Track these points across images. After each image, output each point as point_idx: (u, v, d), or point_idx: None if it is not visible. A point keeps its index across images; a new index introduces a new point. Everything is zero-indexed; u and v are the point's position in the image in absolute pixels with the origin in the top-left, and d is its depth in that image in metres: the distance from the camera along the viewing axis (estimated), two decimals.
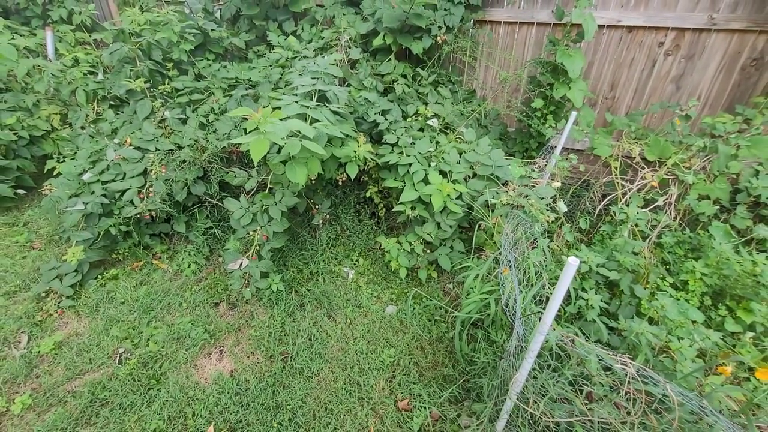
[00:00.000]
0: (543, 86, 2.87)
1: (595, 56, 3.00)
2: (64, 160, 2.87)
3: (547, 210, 1.97)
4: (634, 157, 2.47)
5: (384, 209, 2.79)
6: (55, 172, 2.78)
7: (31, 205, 2.95)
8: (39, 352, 1.93)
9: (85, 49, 3.75)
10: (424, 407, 1.78)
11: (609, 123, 2.72)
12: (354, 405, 1.82)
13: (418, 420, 1.73)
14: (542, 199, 2.02)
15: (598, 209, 2.50)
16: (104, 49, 3.85)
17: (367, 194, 2.62)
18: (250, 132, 1.38)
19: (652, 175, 2.34)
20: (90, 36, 3.79)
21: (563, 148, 2.65)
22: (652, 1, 2.72)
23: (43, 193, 2.52)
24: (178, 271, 2.52)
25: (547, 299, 1.75)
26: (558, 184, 2.17)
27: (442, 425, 1.72)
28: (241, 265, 2.21)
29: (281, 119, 1.42)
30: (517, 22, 3.11)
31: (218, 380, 1.89)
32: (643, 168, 2.42)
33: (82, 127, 2.83)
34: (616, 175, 2.50)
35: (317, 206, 2.61)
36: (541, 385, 1.23)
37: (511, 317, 1.52)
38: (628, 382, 1.05)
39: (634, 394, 1.11)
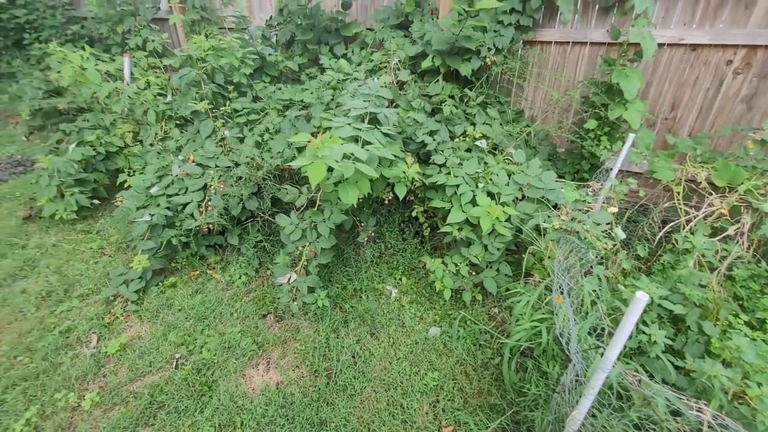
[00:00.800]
0: (597, 107, 2.78)
1: (654, 75, 2.87)
2: (134, 174, 3.14)
3: (604, 236, 1.88)
4: (700, 182, 2.32)
5: (428, 229, 2.79)
6: (125, 185, 3.03)
7: (103, 215, 3.23)
8: (106, 352, 2.08)
9: (156, 72, 4.11)
10: None
11: (671, 145, 2.57)
12: (397, 428, 1.80)
13: None
14: (598, 224, 1.94)
15: (658, 237, 2.35)
16: (172, 72, 4.20)
17: (413, 214, 2.63)
18: (308, 155, 1.44)
19: (722, 202, 2.18)
20: (161, 61, 4.16)
21: (620, 170, 2.54)
22: (719, 19, 2.58)
23: (114, 204, 2.75)
24: (230, 281, 2.64)
25: (604, 331, 1.66)
26: (615, 209, 2.07)
27: None
28: (289, 279, 2.28)
29: (335, 145, 1.48)
30: (569, 42, 3.06)
31: (265, 392, 1.94)
32: (710, 194, 2.26)
33: (151, 144, 3.09)
34: (678, 200, 2.35)
35: (363, 224, 2.66)
36: (603, 426, 1.16)
37: (566, 349, 1.45)
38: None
39: None
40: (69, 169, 2.99)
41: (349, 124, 1.94)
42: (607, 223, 1.99)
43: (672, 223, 2.32)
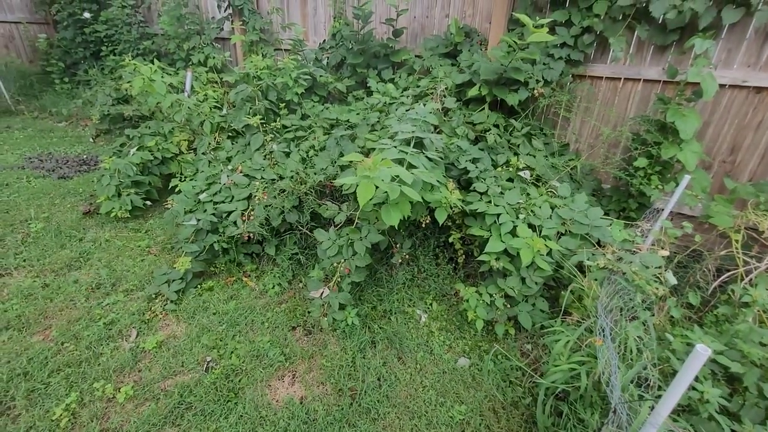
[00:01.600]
0: (648, 144, 2.69)
1: (712, 116, 2.76)
2: (185, 180, 3.32)
3: (654, 281, 1.78)
4: (763, 232, 2.17)
5: (463, 256, 2.75)
6: (177, 190, 3.21)
7: (153, 216, 3.42)
8: (143, 348, 2.16)
9: (214, 87, 4.39)
10: None
11: (730, 190, 2.43)
12: None
13: None
14: (647, 267, 1.84)
15: (712, 286, 2.20)
16: (228, 88, 4.48)
17: (449, 239, 2.61)
18: (359, 174, 1.48)
19: None
20: (220, 77, 4.45)
21: (671, 212, 2.42)
22: None
23: (165, 206, 2.92)
24: (264, 290, 2.70)
25: (651, 382, 1.55)
26: (666, 253, 1.97)
27: None
28: (322, 294, 2.31)
29: (386, 167, 1.51)
30: (620, 78, 3.01)
31: (289, 405, 1.94)
32: None
33: (204, 153, 3.27)
34: (737, 248, 2.20)
35: (398, 245, 2.66)
36: None
37: (609, 396, 1.36)
38: None
39: None
40: (128, 171, 3.21)
41: (395, 147, 1.97)
42: (657, 267, 1.89)
43: (729, 273, 2.16)
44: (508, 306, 2.32)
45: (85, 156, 4.54)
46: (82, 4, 6.09)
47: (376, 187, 1.46)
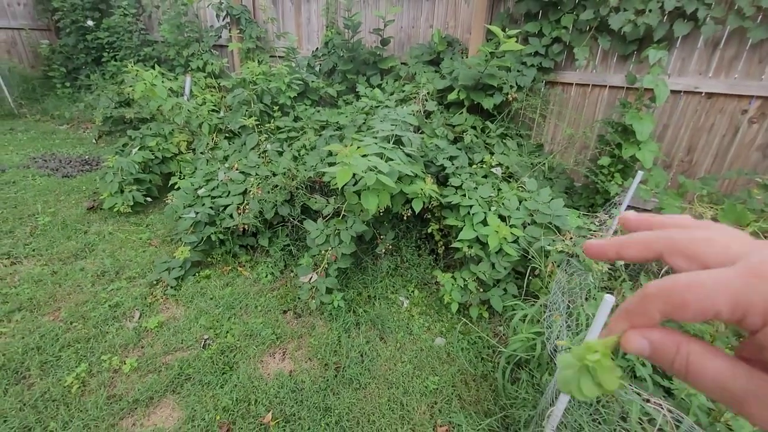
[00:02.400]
0: (611, 145, 2.94)
1: (671, 119, 3.02)
2: (183, 178, 3.53)
3: (604, 262, 2.01)
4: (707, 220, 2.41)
5: (443, 247, 2.97)
6: (176, 187, 3.42)
7: (153, 212, 3.62)
8: (146, 327, 2.35)
9: (211, 92, 4.62)
10: None
11: (680, 185, 2.68)
12: (395, 421, 1.94)
13: None
14: None
15: (663, 270, 2.43)
16: (224, 92, 4.71)
17: (429, 230, 2.84)
18: (337, 164, 1.70)
19: None
20: (217, 82, 4.68)
21: (629, 206, 2.66)
22: (734, 70, 2.74)
23: (165, 202, 3.12)
24: (257, 279, 2.90)
25: None
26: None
27: None
28: (310, 279, 2.51)
29: (363, 155, 1.74)
30: (589, 85, 3.27)
31: (279, 377, 2.14)
32: None
33: (202, 152, 3.49)
34: None
35: (382, 236, 2.88)
36: (576, 421, 1.28)
37: (553, 357, 1.58)
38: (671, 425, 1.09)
39: None
40: (130, 169, 3.42)
41: (376, 143, 2.20)
42: None
43: None
44: (481, 290, 2.54)
45: (87, 156, 4.74)
46: (85, 12, 6.32)
47: (354, 174, 1.68)
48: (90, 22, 6.07)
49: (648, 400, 1.14)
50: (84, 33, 6.48)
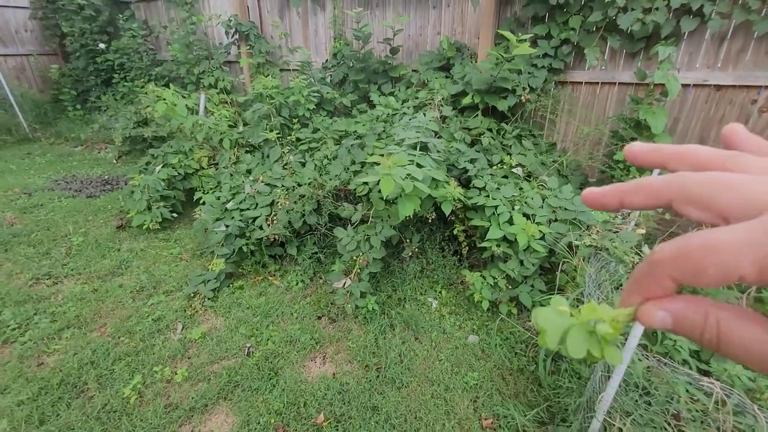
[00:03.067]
0: (625, 140, 3.03)
1: (681, 113, 3.11)
2: (207, 193, 3.63)
3: (634, 253, 2.09)
4: None
5: (467, 247, 3.05)
6: (201, 202, 3.51)
7: (179, 227, 3.72)
8: (190, 338, 2.44)
9: (226, 107, 4.73)
10: (508, 428, 1.92)
11: None
12: (441, 416, 2.01)
13: None
14: (627, 242, 2.15)
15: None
16: (238, 107, 4.82)
17: (454, 232, 2.92)
18: (380, 172, 1.80)
19: None
20: (230, 97, 4.79)
21: None
22: (741, 62, 2.83)
23: (191, 217, 3.22)
24: (288, 287, 2.98)
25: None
26: (643, 231, 2.28)
27: None
28: (344, 284, 2.60)
29: (401, 165, 1.83)
30: (598, 83, 3.36)
31: (323, 379, 2.21)
32: None
33: (225, 167, 3.59)
34: (703, 227, 2.51)
35: (408, 240, 2.97)
36: (633, 405, 1.36)
37: None
38: (716, 403, 1.17)
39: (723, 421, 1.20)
40: (157, 186, 3.52)
41: (404, 151, 2.30)
42: (636, 243, 2.20)
43: None
44: (510, 287, 2.62)
45: (107, 176, 4.85)
46: (93, 36, 6.46)
47: (397, 182, 1.77)
48: (102, 45, 6.21)
49: (699, 380, 1.22)
50: (94, 56, 6.62)
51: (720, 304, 0.23)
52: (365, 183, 2.78)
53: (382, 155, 2.99)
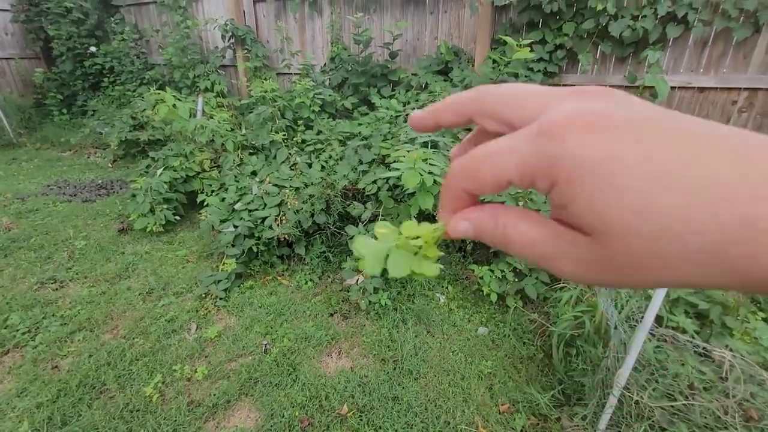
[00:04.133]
0: None
1: None
2: (211, 195, 3.63)
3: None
4: None
5: (471, 244, 3.15)
6: (204, 204, 3.51)
7: (182, 229, 3.70)
8: (206, 337, 2.45)
9: (222, 110, 4.74)
10: (525, 411, 2.01)
11: None
12: (460, 403, 2.09)
13: (520, 421, 1.96)
14: None
15: None
16: (234, 110, 4.83)
17: None
18: (406, 166, 1.88)
19: None
20: (228, 101, 4.80)
21: None
22: (722, 66, 3.04)
23: (192, 220, 3.22)
24: (298, 286, 3.02)
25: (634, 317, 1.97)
26: None
27: (543, 425, 1.93)
28: (357, 280, 2.66)
29: (423, 160, 1.92)
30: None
31: (342, 373, 2.26)
32: None
33: (230, 169, 3.60)
34: None
35: None
36: (645, 381, 1.46)
37: (608, 324, 1.77)
38: (727, 371, 1.28)
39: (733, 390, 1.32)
40: (160, 189, 3.51)
41: (416, 149, 2.38)
42: None
43: None
44: (517, 280, 2.72)
45: (100, 181, 4.77)
46: (81, 39, 6.36)
47: (420, 176, 1.85)
48: (93, 48, 6.12)
49: (709, 351, 1.33)
50: (81, 60, 6.51)
51: (507, 208, 0.25)
52: (374, 182, 2.85)
53: (379, 159, 3.09)
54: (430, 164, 2.34)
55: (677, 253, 0.18)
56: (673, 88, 3.21)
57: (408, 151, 1.93)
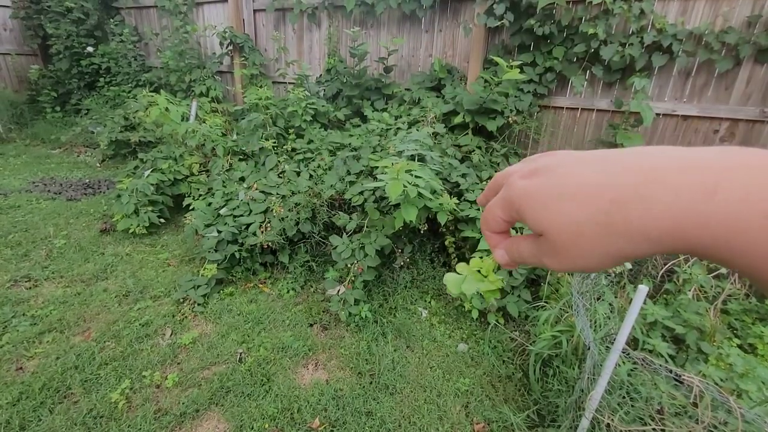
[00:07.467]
0: None
1: (652, 139, 3.37)
2: (197, 199, 3.60)
3: None
4: None
5: (456, 259, 3.15)
6: (191, 208, 3.48)
7: (166, 233, 3.66)
8: (180, 343, 2.39)
9: (216, 115, 4.75)
10: (499, 431, 1.98)
11: None
12: (434, 421, 2.05)
13: None
14: None
15: (661, 272, 2.69)
16: (228, 116, 4.84)
17: (445, 243, 3.02)
18: (389, 176, 1.88)
19: None
20: (221, 106, 4.81)
21: None
22: (705, 96, 3.12)
23: (177, 224, 3.18)
24: (279, 295, 2.98)
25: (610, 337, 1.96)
26: None
27: None
28: (338, 291, 2.63)
29: (407, 171, 1.92)
30: (578, 108, 3.61)
31: (317, 385, 2.22)
32: None
33: (218, 174, 3.58)
34: None
35: (400, 250, 3.04)
36: (618, 404, 1.45)
37: (584, 340, 1.76)
38: (697, 396, 1.27)
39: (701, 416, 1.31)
40: (146, 190, 3.47)
41: (404, 161, 2.39)
42: None
43: (672, 261, 2.66)
44: (499, 298, 2.71)
45: (88, 180, 4.72)
46: (80, 39, 6.37)
47: (404, 186, 1.86)
48: (90, 48, 6.13)
49: (679, 376, 1.33)
50: (78, 59, 6.51)
51: (520, 236, 0.37)
52: (361, 193, 2.86)
53: (368, 170, 3.10)
54: (415, 176, 2.35)
55: (585, 234, 0.29)
56: (658, 114, 3.28)
57: (392, 163, 1.94)
